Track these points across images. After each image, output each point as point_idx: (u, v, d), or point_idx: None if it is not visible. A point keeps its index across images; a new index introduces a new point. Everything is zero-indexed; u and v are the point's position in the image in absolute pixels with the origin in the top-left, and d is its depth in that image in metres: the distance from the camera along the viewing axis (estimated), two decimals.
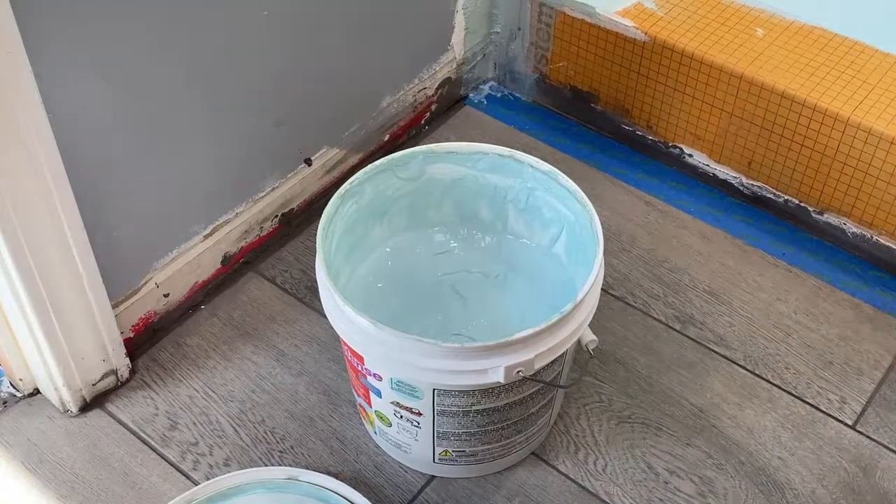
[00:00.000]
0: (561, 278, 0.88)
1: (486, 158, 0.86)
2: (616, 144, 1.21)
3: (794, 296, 1.03)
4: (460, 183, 0.89)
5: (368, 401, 0.81)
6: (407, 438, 0.82)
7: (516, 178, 0.87)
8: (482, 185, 0.88)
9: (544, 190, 0.85)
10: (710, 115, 1.10)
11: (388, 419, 0.81)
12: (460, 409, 0.77)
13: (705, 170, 1.15)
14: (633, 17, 1.12)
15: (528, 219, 0.89)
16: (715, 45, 1.07)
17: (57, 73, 0.76)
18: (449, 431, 0.80)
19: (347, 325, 0.74)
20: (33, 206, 0.76)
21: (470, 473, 0.86)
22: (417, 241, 0.92)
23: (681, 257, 1.07)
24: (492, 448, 0.83)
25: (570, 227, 0.85)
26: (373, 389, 0.79)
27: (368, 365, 0.76)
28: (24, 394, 0.92)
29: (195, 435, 0.90)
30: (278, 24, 0.93)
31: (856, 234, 1.06)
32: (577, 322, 0.75)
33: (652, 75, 1.12)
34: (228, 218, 1.00)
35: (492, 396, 0.76)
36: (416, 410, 0.78)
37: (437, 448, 0.82)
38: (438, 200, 0.90)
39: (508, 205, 0.89)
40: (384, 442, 0.87)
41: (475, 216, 0.91)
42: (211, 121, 0.92)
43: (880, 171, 0.99)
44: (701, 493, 0.86)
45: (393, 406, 0.79)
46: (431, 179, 0.88)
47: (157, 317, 0.97)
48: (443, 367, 0.71)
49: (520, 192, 0.88)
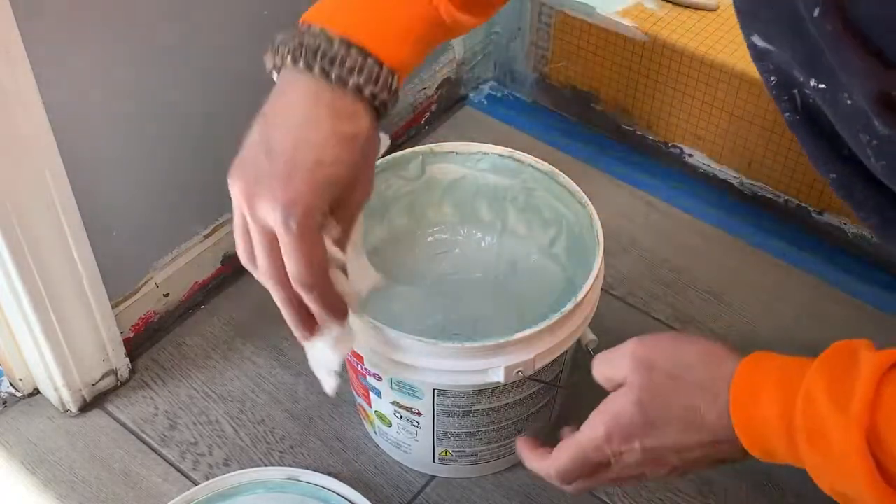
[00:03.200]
0: (561, 279, 0.88)
1: (487, 158, 0.86)
2: (616, 144, 1.21)
3: (794, 296, 1.03)
4: (460, 183, 0.89)
5: (368, 401, 0.81)
6: (407, 438, 0.82)
7: (516, 178, 0.87)
8: (482, 185, 0.88)
9: (544, 190, 0.85)
10: (710, 115, 1.10)
11: (388, 419, 0.81)
12: (460, 410, 0.77)
13: (705, 170, 1.15)
14: (633, 17, 1.12)
15: (529, 219, 0.89)
16: (715, 45, 1.07)
17: (57, 73, 0.76)
18: (449, 432, 0.80)
19: (358, 330, 0.74)
20: (33, 206, 0.76)
21: (470, 473, 0.86)
22: (417, 241, 0.92)
23: (681, 257, 1.07)
24: (491, 448, 0.83)
25: (570, 227, 0.85)
26: (372, 389, 0.79)
27: (368, 365, 0.76)
28: (24, 394, 0.92)
29: (195, 435, 0.89)
30: (278, 24, 0.93)
31: (856, 234, 1.06)
32: (577, 322, 0.75)
33: (652, 75, 1.12)
34: (228, 218, 1.00)
35: (492, 396, 0.76)
36: (416, 410, 0.78)
37: (438, 448, 0.82)
38: (438, 200, 0.90)
39: (508, 205, 0.89)
40: (384, 442, 0.87)
41: (475, 216, 0.91)
42: (211, 120, 0.92)
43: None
44: (701, 492, 0.86)
45: (393, 406, 0.79)
46: (431, 179, 0.88)
47: (157, 317, 0.97)
48: (442, 367, 0.71)
49: (520, 192, 0.88)
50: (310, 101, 0.59)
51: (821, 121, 0.55)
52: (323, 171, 0.58)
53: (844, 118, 0.52)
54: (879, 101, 0.47)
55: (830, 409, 0.52)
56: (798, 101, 0.57)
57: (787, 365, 0.56)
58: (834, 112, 0.53)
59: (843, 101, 0.51)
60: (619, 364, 0.62)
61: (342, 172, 0.59)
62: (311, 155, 0.57)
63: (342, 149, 0.58)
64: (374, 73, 0.59)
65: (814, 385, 0.53)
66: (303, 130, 0.58)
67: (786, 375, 0.55)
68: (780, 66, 0.56)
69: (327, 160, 0.58)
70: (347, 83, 0.58)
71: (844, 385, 0.52)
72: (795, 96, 0.57)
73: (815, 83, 0.52)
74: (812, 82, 0.52)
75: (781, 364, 0.57)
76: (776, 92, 0.58)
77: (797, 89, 0.56)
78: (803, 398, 0.53)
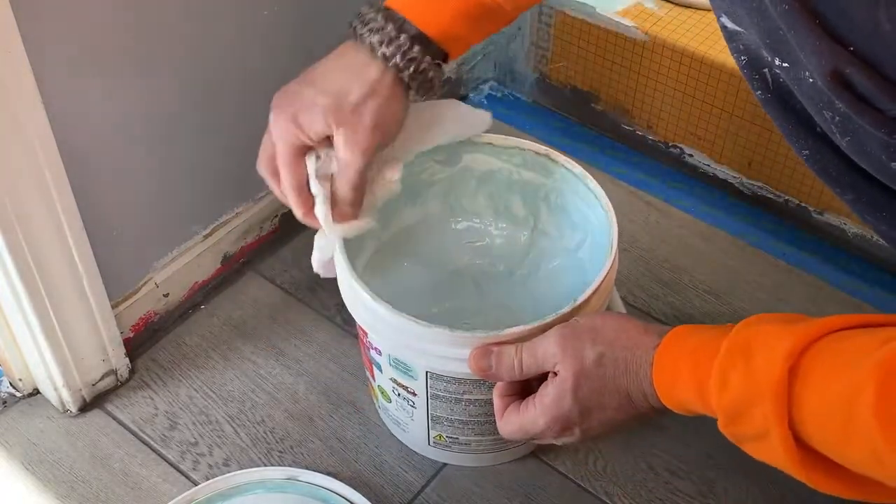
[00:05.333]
0: (581, 283, 0.87)
1: (522, 154, 0.86)
2: (616, 144, 1.21)
3: (795, 296, 1.03)
4: (495, 175, 0.89)
5: (373, 374, 0.83)
6: (404, 417, 0.84)
7: (549, 177, 0.87)
8: (515, 180, 0.89)
9: (573, 192, 0.85)
10: (710, 115, 1.10)
11: (388, 395, 0.83)
12: (452, 396, 0.78)
13: (705, 170, 1.15)
14: (633, 17, 1.12)
15: (559, 220, 0.89)
16: (715, 45, 1.07)
17: (57, 73, 0.76)
18: (442, 416, 0.80)
19: (353, 297, 0.76)
20: (33, 206, 0.76)
21: (464, 462, 0.87)
22: (448, 226, 0.93)
23: (681, 257, 1.07)
24: (485, 440, 0.83)
25: (594, 231, 0.84)
26: (375, 363, 0.81)
27: (371, 338, 0.78)
28: (24, 394, 0.92)
29: (195, 435, 0.90)
30: (278, 24, 0.93)
31: (856, 234, 1.06)
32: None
33: (652, 75, 1.12)
34: (228, 218, 1.00)
35: (483, 388, 0.76)
36: (412, 390, 0.79)
37: (432, 431, 0.83)
38: (473, 190, 0.91)
39: (541, 203, 0.89)
40: (386, 418, 0.89)
41: (508, 211, 0.92)
42: (211, 120, 0.92)
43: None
44: (701, 493, 0.86)
45: (391, 382, 0.80)
46: (467, 168, 0.89)
47: (156, 317, 0.97)
48: (433, 351, 0.72)
49: (551, 191, 0.88)
50: (338, 52, 0.75)
51: (791, 99, 0.57)
52: (344, 99, 0.71)
53: (808, 96, 0.53)
54: (833, 78, 0.48)
55: (744, 390, 0.55)
56: (769, 80, 0.58)
57: (701, 346, 0.60)
58: (799, 90, 0.54)
59: (806, 80, 0.52)
60: (548, 355, 0.66)
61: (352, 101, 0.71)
62: (334, 87, 0.72)
63: (358, 87, 0.71)
64: (390, 36, 0.71)
65: (727, 366, 0.57)
66: (326, 69, 0.74)
67: (699, 358, 0.59)
68: (749, 47, 0.57)
69: (343, 92, 0.72)
70: (366, 42, 0.71)
71: (755, 362, 0.55)
72: (766, 75, 0.58)
73: (779, 62, 0.53)
74: (777, 61, 0.53)
75: (696, 345, 0.60)
76: (747, 72, 0.59)
77: (766, 69, 0.57)
78: (716, 382, 0.57)
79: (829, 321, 0.55)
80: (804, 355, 0.53)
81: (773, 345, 0.54)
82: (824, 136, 0.56)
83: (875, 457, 0.49)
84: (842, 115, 0.51)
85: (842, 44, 0.47)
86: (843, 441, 0.51)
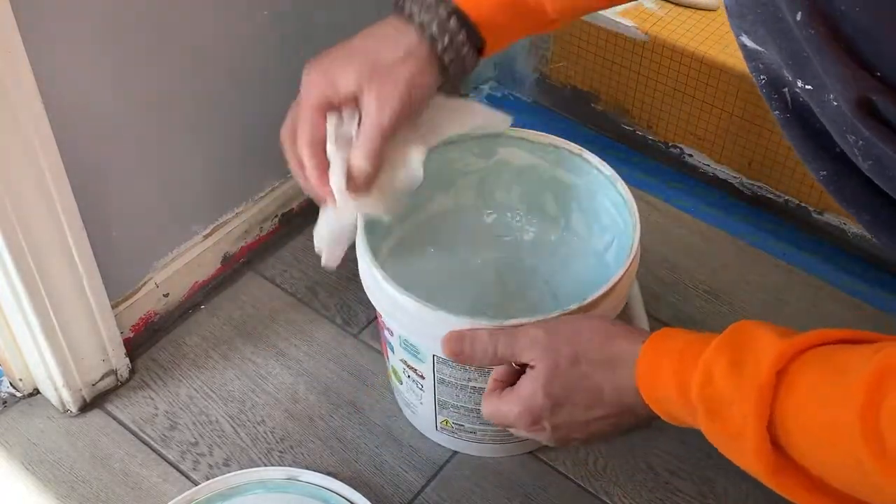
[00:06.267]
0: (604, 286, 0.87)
1: (557, 152, 0.87)
2: (616, 144, 1.21)
3: (794, 296, 1.03)
4: (529, 171, 0.89)
5: (387, 354, 0.84)
6: (413, 399, 0.84)
7: (582, 178, 0.87)
8: (548, 178, 0.89)
9: (604, 195, 0.85)
10: (710, 115, 1.10)
11: (399, 376, 0.84)
12: (458, 382, 0.78)
13: (705, 170, 1.15)
14: (633, 17, 1.12)
15: (589, 221, 0.89)
16: (715, 45, 1.07)
17: (57, 73, 0.76)
18: (448, 402, 0.81)
19: (370, 277, 0.77)
20: (33, 206, 0.76)
21: (469, 450, 0.87)
22: (480, 218, 0.93)
23: (681, 257, 1.07)
24: (489, 431, 0.83)
25: (620, 235, 0.84)
26: (388, 344, 0.82)
27: (384, 318, 0.79)
28: (24, 394, 0.92)
29: (195, 435, 0.90)
30: (278, 24, 0.93)
31: (856, 234, 1.06)
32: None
33: (652, 75, 1.12)
34: (228, 218, 1.00)
35: (488, 377, 0.76)
36: (420, 373, 0.80)
37: (439, 416, 0.84)
38: (507, 184, 0.91)
39: (573, 203, 0.90)
40: (399, 398, 0.90)
41: (541, 208, 0.92)
42: (211, 120, 0.92)
43: None
44: (701, 493, 0.86)
45: (402, 364, 0.81)
46: (502, 161, 0.89)
47: (156, 317, 0.97)
48: (438, 334, 0.72)
49: (583, 191, 0.87)
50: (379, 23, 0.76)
51: (811, 120, 0.56)
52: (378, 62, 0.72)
53: (831, 119, 0.53)
54: (860, 105, 0.48)
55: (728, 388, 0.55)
56: (788, 100, 0.58)
57: (688, 346, 0.60)
58: (821, 112, 0.53)
59: (830, 103, 0.51)
60: (524, 349, 0.67)
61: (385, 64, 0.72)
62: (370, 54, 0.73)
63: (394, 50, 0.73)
64: (429, 5, 0.72)
65: (712, 362, 0.57)
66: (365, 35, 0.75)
67: (685, 356, 0.59)
68: (769, 66, 0.57)
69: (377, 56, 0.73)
70: (405, 10, 0.73)
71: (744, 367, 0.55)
72: (785, 95, 0.57)
73: (802, 84, 0.53)
74: (799, 83, 0.53)
75: (684, 345, 0.60)
76: (766, 91, 0.58)
77: (787, 88, 0.57)
78: (700, 376, 0.57)
79: (823, 333, 0.55)
80: (794, 361, 0.53)
81: (763, 348, 0.54)
82: (843, 156, 0.55)
83: (857, 465, 0.49)
84: (865, 140, 0.50)
85: (868, 69, 0.47)
86: (826, 447, 0.51)
